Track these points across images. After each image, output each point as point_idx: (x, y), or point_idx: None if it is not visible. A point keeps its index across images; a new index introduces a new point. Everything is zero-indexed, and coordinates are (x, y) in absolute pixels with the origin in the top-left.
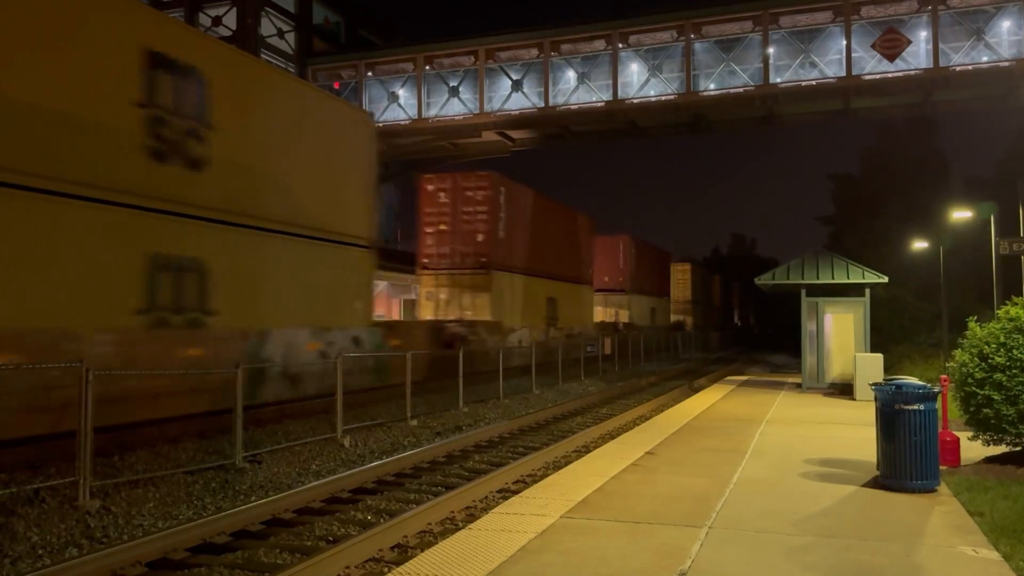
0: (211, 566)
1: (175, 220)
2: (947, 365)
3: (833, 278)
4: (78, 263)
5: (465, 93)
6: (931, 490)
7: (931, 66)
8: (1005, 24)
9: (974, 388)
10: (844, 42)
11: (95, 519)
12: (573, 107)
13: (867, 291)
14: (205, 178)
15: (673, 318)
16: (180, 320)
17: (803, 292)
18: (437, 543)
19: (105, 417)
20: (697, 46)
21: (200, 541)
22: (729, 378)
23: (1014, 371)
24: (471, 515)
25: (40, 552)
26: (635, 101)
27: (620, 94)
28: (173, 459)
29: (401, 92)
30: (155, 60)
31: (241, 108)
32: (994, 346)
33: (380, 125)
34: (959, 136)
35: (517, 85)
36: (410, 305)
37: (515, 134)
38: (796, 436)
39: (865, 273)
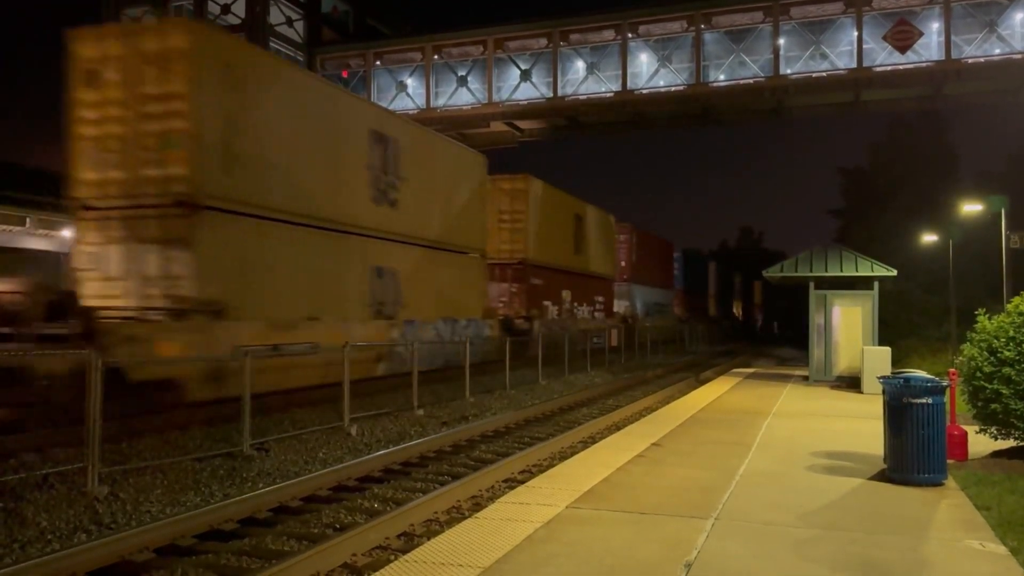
0: (219, 553)
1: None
2: (955, 360)
3: (841, 271)
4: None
5: (474, 83)
6: (938, 484)
7: (943, 58)
8: (1018, 16)
9: (982, 382)
10: (855, 33)
11: (103, 505)
12: (582, 97)
13: (875, 284)
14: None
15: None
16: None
17: (811, 285)
18: (443, 532)
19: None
20: (707, 37)
21: (208, 528)
22: (735, 371)
23: (1023, 365)
24: (477, 504)
25: (49, 537)
26: (644, 92)
27: (629, 85)
28: (181, 446)
29: (409, 81)
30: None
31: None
32: (1003, 340)
33: None
34: (970, 129)
35: (526, 75)
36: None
37: (523, 124)
38: (803, 429)
39: (874, 266)
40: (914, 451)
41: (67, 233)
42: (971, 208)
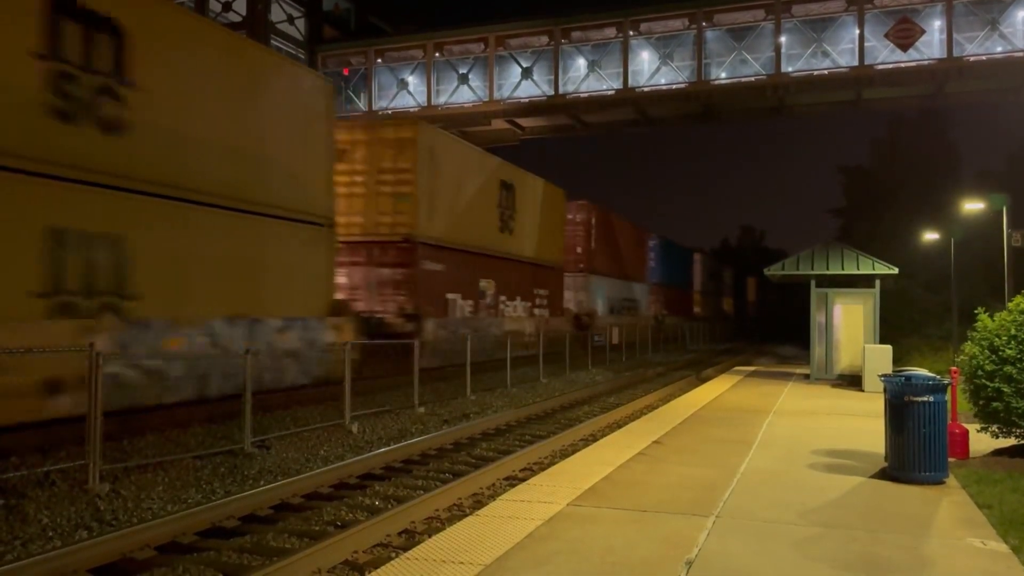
0: (220, 550)
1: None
2: (957, 358)
3: (843, 269)
4: None
5: (475, 80)
6: (940, 482)
7: (945, 56)
8: (1020, 14)
9: (984, 381)
10: (857, 31)
11: (105, 502)
12: (583, 95)
13: (877, 282)
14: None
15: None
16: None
17: (812, 283)
18: (444, 529)
19: None
20: (708, 35)
21: (209, 525)
22: (737, 369)
23: None
24: (478, 502)
25: (50, 534)
26: (645, 89)
27: (630, 82)
28: (182, 444)
29: (411, 79)
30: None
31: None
32: (1005, 338)
33: (390, 112)
34: (972, 128)
35: (527, 73)
36: None
37: (525, 122)
38: (804, 427)
39: (875, 264)
40: (915, 449)
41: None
42: (972, 207)
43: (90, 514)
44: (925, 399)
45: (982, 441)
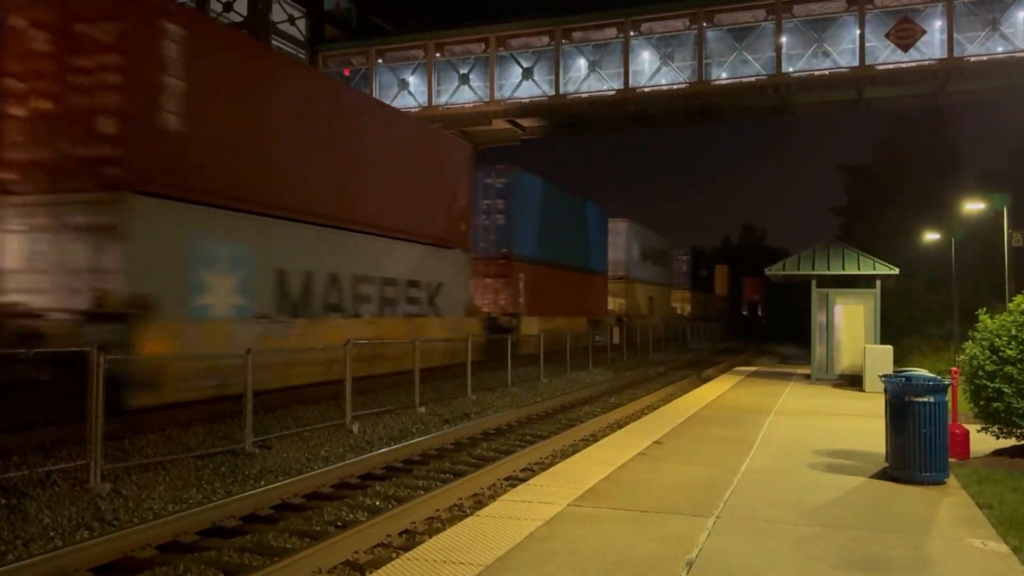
0: (221, 549)
1: None
2: (957, 358)
3: (844, 269)
4: None
5: (475, 80)
6: (940, 482)
7: (945, 56)
8: (1021, 14)
9: (984, 381)
10: (858, 31)
11: (106, 502)
12: (584, 95)
13: (878, 282)
14: None
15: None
16: None
17: (813, 283)
18: (445, 529)
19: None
20: (709, 34)
21: (210, 524)
22: (737, 368)
23: None
24: (479, 502)
25: (52, 534)
26: (646, 90)
27: (631, 82)
28: (183, 443)
29: (411, 79)
30: None
31: None
32: (1005, 339)
33: None
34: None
35: (528, 73)
36: None
37: (525, 122)
38: (805, 427)
39: (876, 264)
40: (916, 449)
41: None
42: (973, 206)
43: (91, 514)
44: (926, 399)
45: (983, 441)
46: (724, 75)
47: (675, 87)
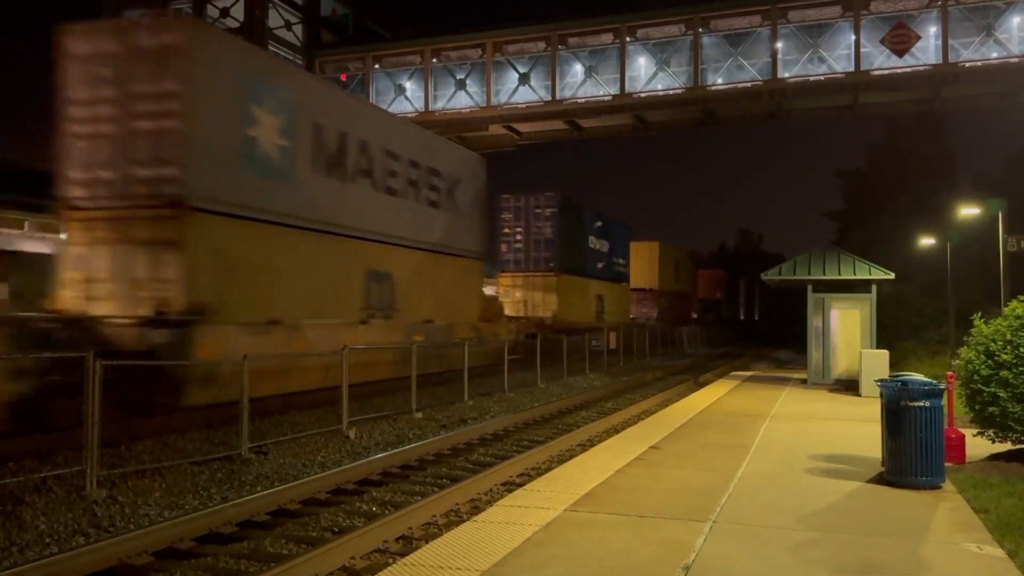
0: (217, 555)
1: None
2: (953, 362)
3: (839, 274)
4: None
5: (472, 86)
6: (936, 487)
7: (940, 62)
8: (1015, 20)
9: (980, 385)
10: (853, 37)
11: (102, 508)
12: (580, 101)
13: (873, 287)
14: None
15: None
16: None
17: (809, 288)
18: (442, 535)
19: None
20: (705, 40)
21: (206, 531)
22: (734, 373)
23: (1020, 368)
24: (476, 507)
25: (48, 540)
26: (643, 95)
27: (628, 88)
28: (179, 449)
29: (408, 85)
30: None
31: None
32: (1001, 343)
33: None
34: (969, 132)
35: (524, 78)
36: None
37: (522, 127)
38: (801, 432)
39: (872, 269)
40: (912, 454)
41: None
42: (969, 211)
43: (87, 520)
44: (922, 404)
45: (978, 445)
46: (720, 81)
47: (671, 92)
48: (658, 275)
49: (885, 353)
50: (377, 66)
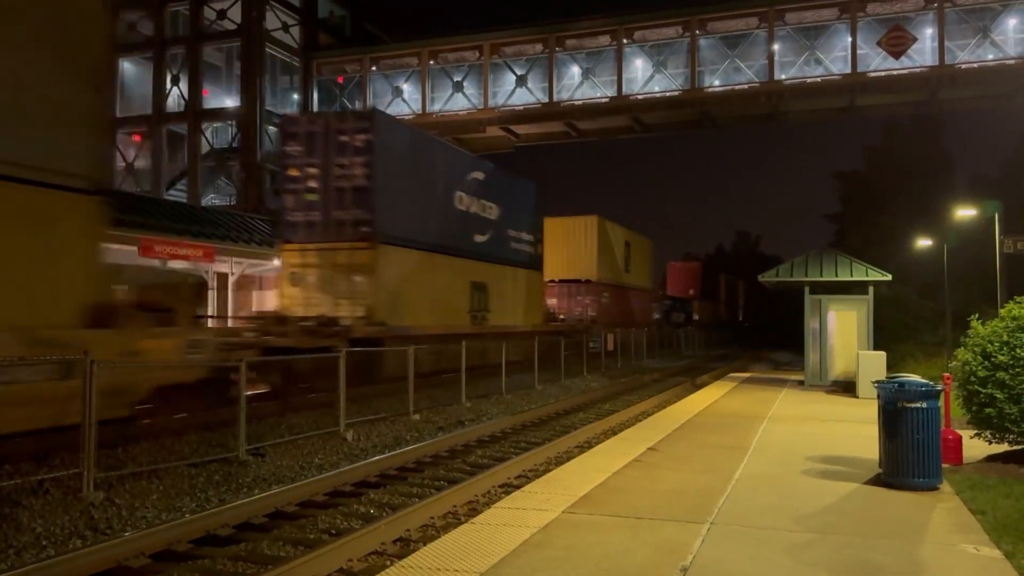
0: (215, 558)
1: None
2: (950, 364)
3: (837, 276)
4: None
5: (469, 88)
6: (933, 488)
7: (937, 64)
8: (1011, 22)
9: (977, 386)
10: (850, 39)
11: (99, 511)
12: (577, 102)
13: (871, 289)
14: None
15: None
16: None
17: (807, 290)
18: (440, 537)
19: None
20: (702, 42)
21: (204, 533)
22: (732, 375)
23: (1017, 370)
24: (473, 509)
25: (44, 543)
26: (639, 97)
27: (625, 90)
28: (176, 451)
29: (405, 87)
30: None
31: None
32: (997, 345)
33: None
34: (966, 134)
35: (521, 80)
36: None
37: (519, 129)
38: (799, 433)
39: (868, 271)
40: (909, 455)
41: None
42: (965, 213)
43: (84, 522)
44: (919, 405)
45: (975, 447)
46: (717, 82)
47: (668, 94)
48: (597, 261)
49: (882, 354)
50: (374, 68)
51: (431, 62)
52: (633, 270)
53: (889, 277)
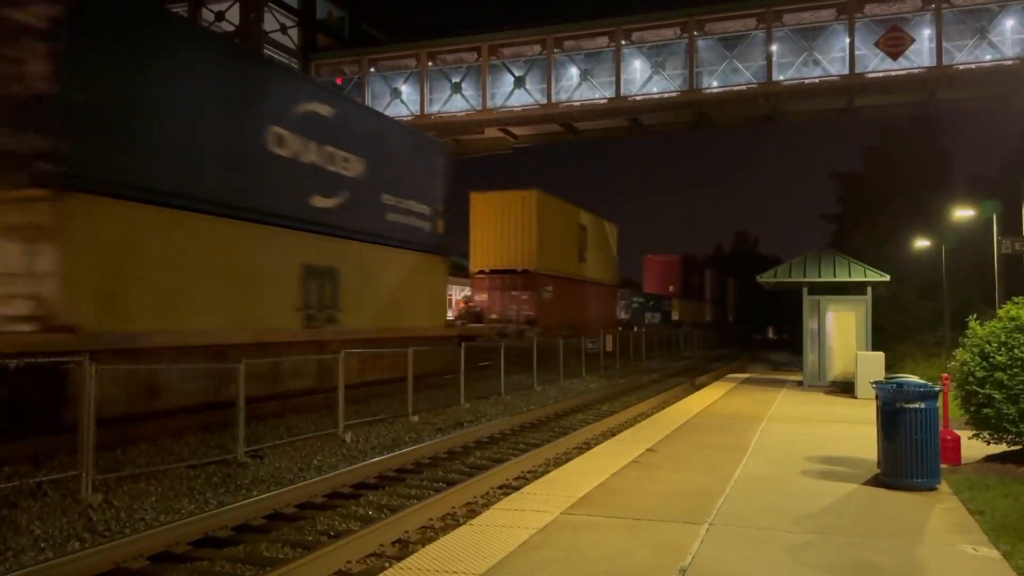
0: (213, 559)
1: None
2: (948, 364)
3: (835, 276)
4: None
5: (468, 89)
6: (932, 488)
7: (935, 64)
8: (1009, 23)
9: (975, 387)
10: (848, 40)
11: (97, 513)
12: (576, 104)
13: (869, 289)
14: None
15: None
16: None
17: (805, 290)
18: (438, 538)
19: None
20: (700, 43)
21: (202, 535)
22: (731, 375)
23: (1015, 370)
24: (472, 511)
25: (43, 545)
26: (638, 98)
27: (623, 91)
28: (175, 453)
29: (404, 88)
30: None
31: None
32: (995, 345)
33: None
34: (964, 134)
35: (520, 82)
36: None
37: (518, 131)
38: (797, 433)
39: (867, 272)
40: (908, 455)
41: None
42: (964, 214)
43: (82, 524)
44: (917, 405)
45: (974, 447)
46: (715, 84)
47: (667, 95)
48: (537, 247)
49: (881, 355)
50: (373, 69)
51: (429, 63)
52: (591, 260)
53: (888, 278)
